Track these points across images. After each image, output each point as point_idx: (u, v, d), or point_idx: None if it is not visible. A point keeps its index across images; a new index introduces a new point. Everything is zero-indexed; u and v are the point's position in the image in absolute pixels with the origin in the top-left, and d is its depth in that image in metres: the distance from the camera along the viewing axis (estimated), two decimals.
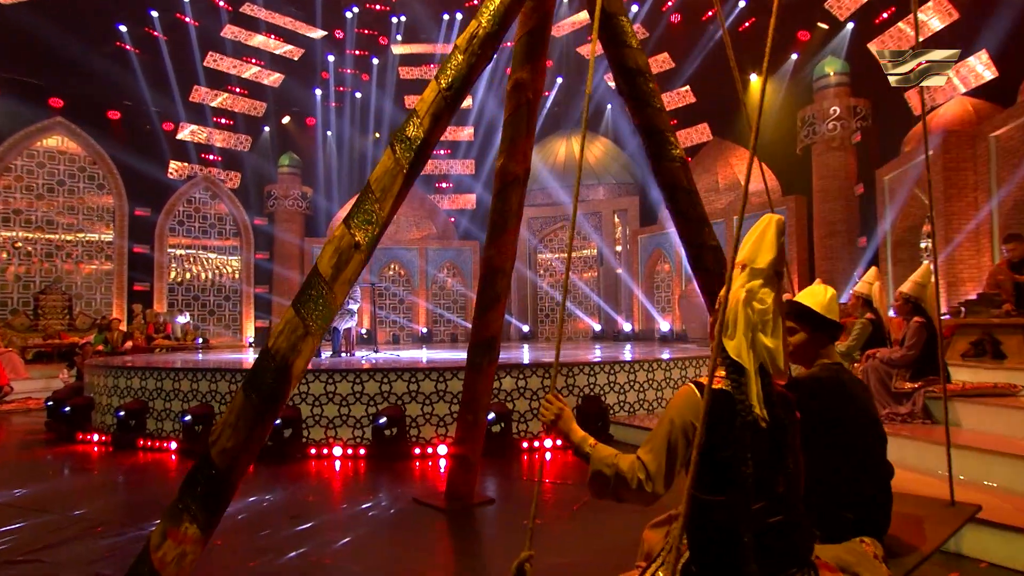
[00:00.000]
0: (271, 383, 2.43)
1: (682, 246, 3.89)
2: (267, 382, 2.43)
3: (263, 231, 18.24)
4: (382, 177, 2.73)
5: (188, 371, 7.14)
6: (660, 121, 3.55)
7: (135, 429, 7.03)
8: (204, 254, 17.75)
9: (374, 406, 6.65)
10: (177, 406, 7.12)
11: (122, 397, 7.52)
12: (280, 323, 2.52)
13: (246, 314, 17.96)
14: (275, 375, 2.43)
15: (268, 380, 2.43)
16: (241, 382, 2.46)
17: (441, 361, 8.44)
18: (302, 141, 19.48)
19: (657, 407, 7.68)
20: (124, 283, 16.43)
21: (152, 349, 14.36)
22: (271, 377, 2.43)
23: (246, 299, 17.96)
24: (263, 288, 18.12)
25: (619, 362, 7.51)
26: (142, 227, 16.70)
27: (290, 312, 2.55)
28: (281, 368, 2.44)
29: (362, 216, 2.66)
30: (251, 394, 2.42)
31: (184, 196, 17.46)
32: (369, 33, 19.26)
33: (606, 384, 7.40)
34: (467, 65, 2.91)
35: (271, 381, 2.43)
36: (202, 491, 2.33)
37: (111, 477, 6.09)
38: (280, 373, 2.44)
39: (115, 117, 16.76)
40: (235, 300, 18.03)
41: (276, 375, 2.43)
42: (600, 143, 20.15)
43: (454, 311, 19.70)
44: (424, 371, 6.77)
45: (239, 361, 9.40)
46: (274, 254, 18.26)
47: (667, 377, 7.87)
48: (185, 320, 15.73)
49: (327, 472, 6.01)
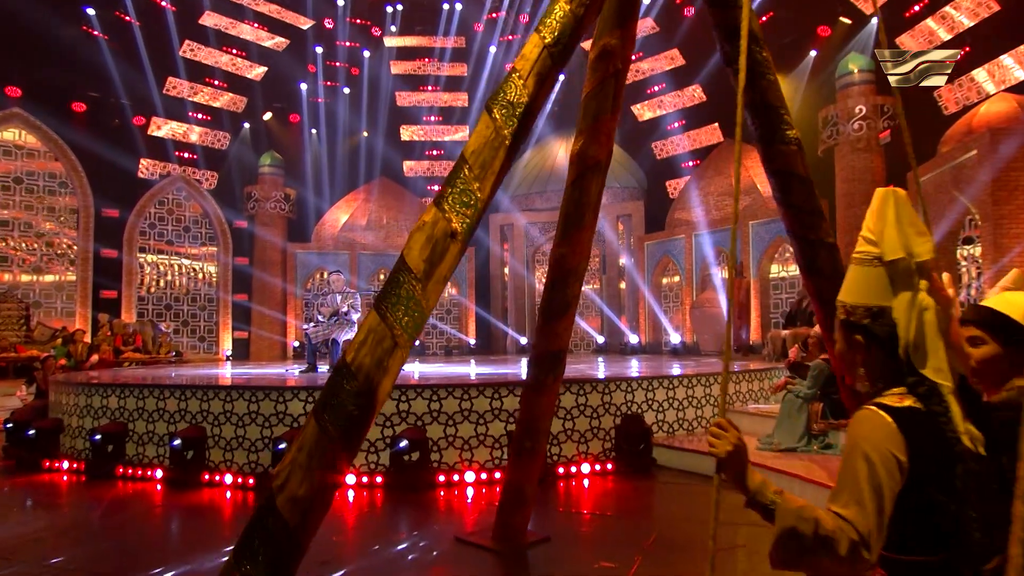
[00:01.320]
0: (353, 411, 1.94)
1: (792, 243, 3.48)
2: (348, 410, 1.94)
3: (243, 235, 17.58)
4: (480, 149, 2.27)
5: (175, 388, 6.56)
6: (774, 96, 3.15)
7: (113, 455, 6.41)
8: (178, 259, 17.03)
9: (391, 427, 6.13)
10: (162, 428, 6.52)
11: (96, 418, 6.90)
12: (361, 332, 2.04)
13: (223, 324, 17.24)
14: (357, 400, 1.95)
15: (349, 407, 1.95)
16: (312, 408, 1.96)
17: (459, 377, 7.94)
18: (285, 139, 18.90)
19: (697, 427, 7.27)
20: (89, 290, 15.63)
21: (120, 363, 13.63)
22: (353, 402, 1.95)
23: (223, 308, 17.24)
24: (242, 296, 17.43)
25: (659, 377, 7.09)
26: (110, 229, 15.95)
27: (373, 318, 2.06)
28: (365, 391, 1.96)
29: (458, 197, 2.19)
30: (327, 425, 1.93)
31: (157, 196, 16.75)
32: (362, 23, 18.77)
33: (644, 402, 6.97)
34: (573, 17, 2.48)
35: (353, 408, 1.94)
36: (266, 554, 1.83)
37: (88, 514, 5.48)
38: (364, 397, 1.96)
39: (80, 109, 16.03)
40: (211, 309, 17.30)
41: (359, 400, 1.95)
42: None
43: (447, 322, 19.17)
44: (447, 387, 6.28)
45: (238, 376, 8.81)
46: (254, 259, 17.61)
47: (707, 394, 7.47)
48: (164, 330, 14.97)
49: (340, 503, 5.48)
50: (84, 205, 15.87)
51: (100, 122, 16.20)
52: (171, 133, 17.25)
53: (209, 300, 17.31)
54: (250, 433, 6.19)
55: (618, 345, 17.96)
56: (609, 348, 18.26)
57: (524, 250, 19.87)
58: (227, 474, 5.95)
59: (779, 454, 5.97)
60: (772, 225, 14.45)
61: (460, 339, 18.90)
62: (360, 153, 19.37)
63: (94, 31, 15.78)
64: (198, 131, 17.60)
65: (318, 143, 19.16)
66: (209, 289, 17.34)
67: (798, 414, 6.23)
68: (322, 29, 18.50)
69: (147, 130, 16.87)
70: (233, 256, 17.38)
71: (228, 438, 6.22)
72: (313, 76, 18.47)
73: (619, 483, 6.17)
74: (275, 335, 17.50)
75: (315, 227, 18.81)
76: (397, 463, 5.88)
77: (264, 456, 6.10)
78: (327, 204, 19.10)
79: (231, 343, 17.27)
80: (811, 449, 5.98)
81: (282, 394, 6.19)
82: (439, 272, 2.16)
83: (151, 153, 17.00)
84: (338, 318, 9.13)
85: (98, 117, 16.22)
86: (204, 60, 17.14)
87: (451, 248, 2.19)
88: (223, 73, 17.43)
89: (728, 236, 15.41)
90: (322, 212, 19.00)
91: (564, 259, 3.52)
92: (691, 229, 16.37)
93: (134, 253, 16.31)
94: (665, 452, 6.58)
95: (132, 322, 15.39)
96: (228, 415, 6.25)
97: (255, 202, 17.77)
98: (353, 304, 9.20)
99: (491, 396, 6.32)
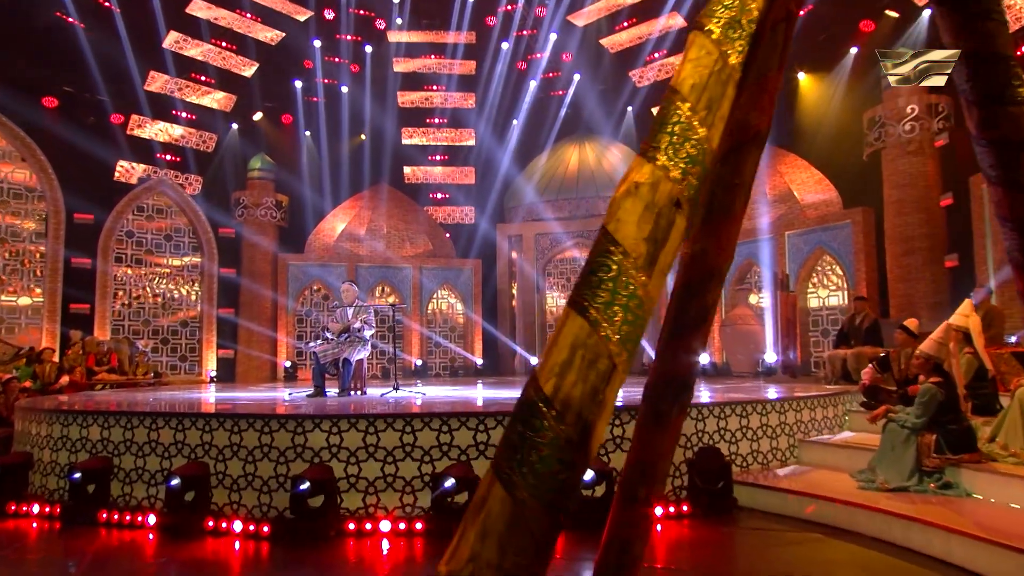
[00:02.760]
0: (560, 471, 1.27)
1: (1009, 235, 2.83)
2: (553, 469, 1.27)
3: (230, 244, 16.86)
4: (704, 83, 1.61)
5: (172, 416, 5.81)
6: (1003, 43, 2.52)
7: (95, 497, 5.62)
8: (158, 270, 16.24)
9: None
10: (154, 463, 5.76)
11: (74, 452, 6.12)
12: (561, 349, 1.36)
13: (207, 342, 16.42)
14: (566, 452, 1.28)
15: (554, 465, 1.27)
16: (492, 463, 1.27)
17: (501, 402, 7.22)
18: (277, 141, 18.27)
19: (772, 460, 6.61)
20: (57, 303, 14.76)
21: (93, 386, 12.79)
22: (559, 457, 1.28)
23: (207, 324, 16.43)
24: (229, 310, 16.66)
25: (732, 404, 6.44)
26: (82, 235, 15.13)
27: (576, 323, 1.38)
28: (578, 440, 1.29)
29: (679, 147, 1.54)
30: (524, 495, 1.26)
31: (136, 201, 15.97)
32: (365, 14, 18.21)
33: (715, 432, 6.32)
34: None
35: (560, 467, 1.27)
36: None
37: (63, 571, 4.71)
38: (576, 449, 1.29)
39: (51, 105, 15.29)
40: (194, 326, 16.48)
41: (569, 453, 1.28)
42: (617, 150, 19.36)
43: (452, 340, 18.45)
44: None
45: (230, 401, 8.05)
46: (242, 271, 16.91)
47: (782, 422, 6.82)
48: (142, 349, 14.13)
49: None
50: (54, 210, 15.06)
51: (74, 119, 15.44)
52: (153, 133, 16.55)
53: (192, 315, 16.51)
54: (262, 470, 5.45)
55: (638, 366, 17.29)
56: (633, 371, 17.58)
57: (535, 263, 19.26)
58: (236, 520, 5.20)
59: (888, 494, 5.33)
60: (811, 236, 13.97)
61: (466, 359, 18.18)
62: (360, 157, 18.75)
63: (69, 18, 15.08)
64: (183, 131, 16.93)
65: (314, 146, 18.54)
66: (192, 303, 16.55)
67: (904, 447, 5.59)
68: (322, 21, 17.92)
69: (127, 129, 16.16)
70: (219, 267, 16.63)
71: (235, 476, 5.48)
72: (309, 73, 17.87)
73: (697, 528, 5.48)
74: (264, 354, 16.72)
75: (309, 236, 18.14)
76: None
77: (280, 497, 5.36)
78: (323, 211, 18.45)
79: (215, 363, 16.44)
80: (926, 489, 5.33)
81: (301, 423, 5.47)
82: (664, 259, 1.49)
83: (130, 154, 16.29)
84: (349, 335, 8.44)
85: (72, 114, 15.47)
86: (191, 54, 16.51)
87: (677, 223, 1.53)
88: (212, 68, 16.80)
89: (763, 247, 14.90)
90: (317, 220, 18.34)
91: (704, 256, 2.83)
92: None
93: (109, 262, 15.50)
94: (747, 490, 5.91)
95: (106, 339, 14.56)
96: (236, 448, 5.51)
97: (244, 208, 17.11)
98: (367, 320, 8.52)
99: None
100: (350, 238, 18.35)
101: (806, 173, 14.70)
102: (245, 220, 17.04)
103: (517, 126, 19.36)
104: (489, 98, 18.90)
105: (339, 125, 18.39)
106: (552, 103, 19.23)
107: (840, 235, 13.32)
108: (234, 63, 17.12)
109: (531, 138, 19.37)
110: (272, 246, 17.25)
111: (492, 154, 19.47)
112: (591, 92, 18.45)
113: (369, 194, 18.76)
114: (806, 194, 14.60)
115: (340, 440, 5.46)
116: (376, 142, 18.85)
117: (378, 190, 18.89)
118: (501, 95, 18.83)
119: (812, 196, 14.51)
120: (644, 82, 17.78)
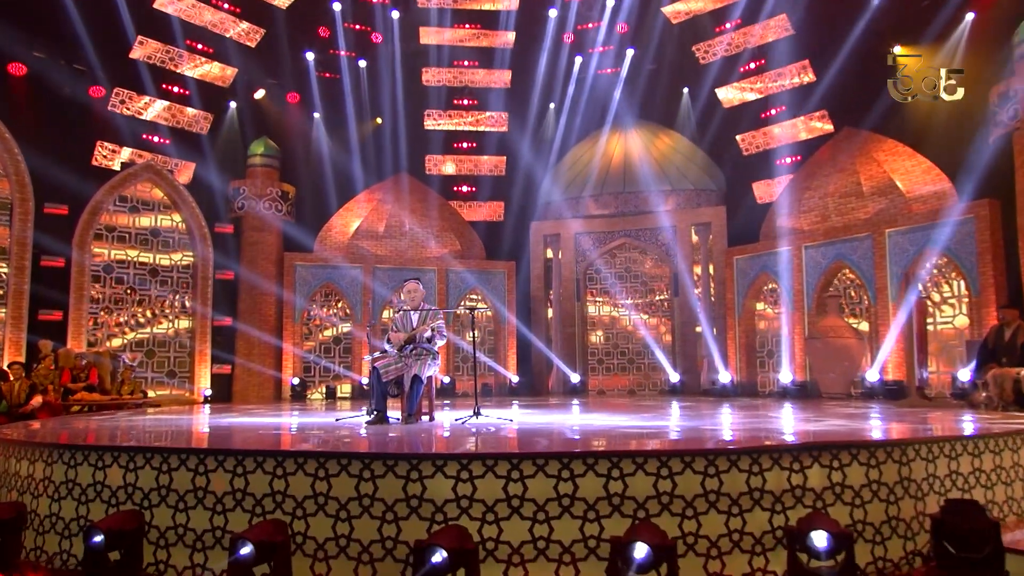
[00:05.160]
0: None
1: None
2: None
3: (227, 241, 15.58)
4: None
5: (224, 454, 4.45)
6: None
7: (124, 568, 4.24)
8: (143, 271, 14.87)
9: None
10: (202, 520, 4.40)
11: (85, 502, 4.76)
12: None
13: (200, 355, 15.00)
14: None
15: None
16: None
17: (656, 434, 5.91)
18: (283, 123, 17.06)
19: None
20: (24, 310, 13.34)
21: (68, 407, 11.38)
22: None
23: (200, 334, 15.02)
24: (225, 320, 15.32)
25: (984, 437, 5.16)
26: (55, 230, 13.75)
27: None
28: None
29: None
30: None
31: (117, 190, 14.61)
32: None
33: (970, 474, 5.02)
34: None
35: None
36: None
37: None
38: None
39: (19, 73, 13.98)
40: (184, 336, 15.07)
41: None
42: (669, 138, 18.25)
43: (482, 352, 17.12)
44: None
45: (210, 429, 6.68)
46: (242, 273, 15.66)
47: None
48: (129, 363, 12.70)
49: None
50: (20, 199, 13.65)
51: (45, 92, 14.18)
52: (139, 110, 15.25)
53: (183, 324, 15.11)
54: (361, 530, 4.11)
55: (707, 384, 16.08)
56: (686, 389, 16.36)
57: (574, 266, 18.06)
58: None
59: None
60: (918, 234, 12.84)
61: (502, 375, 16.89)
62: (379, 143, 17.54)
63: None
64: (173, 108, 15.71)
65: (326, 130, 17.31)
66: (183, 310, 15.16)
67: None
68: None
69: (108, 104, 14.94)
70: (214, 268, 15.34)
71: (321, 539, 4.13)
72: (324, 43, 16.63)
73: None
74: (267, 369, 15.35)
75: (319, 233, 16.95)
76: None
77: (386, 570, 4.01)
78: (335, 205, 17.28)
79: (209, 379, 15.03)
80: None
81: (416, 466, 4.14)
82: None
83: (110, 135, 15.11)
84: (415, 346, 7.12)
85: (42, 85, 14.21)
86: (186, 16, 15.29)
87: None
88: (211, 35, 15.53)
89: (855, 247, 13.74)
90: (328, 215, 17.15)
91: None
92: (800, 239, 14.68)
93: (86, 262, 14.10)
94: (1017, 560, 4.61)
95: (83, 351, 13.15)
96: (322, 500, 4.16)
97: (244, 200, 15.88)
98: (438, 328, 7.20)
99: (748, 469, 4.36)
100: (366, 236, 17.06)
101: (910, 161, 13.58)
102: (245, 214, 15.86)
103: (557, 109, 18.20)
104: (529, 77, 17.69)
105: (358, 106, 17.18)
106: (600, 83, 18.07)
107: (959, 232, 12.18)
108: (237, 31, 15.86)
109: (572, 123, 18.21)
110: (276, 244, 16.12)
111: (526, 142, 18.27)
112: (643, 70, 17.34)
113: (388, 185, 17.52)
114: (912, 185, 13.47)
115: (472, 490, 4.13)
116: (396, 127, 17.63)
117: (398, 180, 17.66)
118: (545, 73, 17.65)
119: (920, 187, 13.37)
120: (709, 58, 16.68)
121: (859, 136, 14.44)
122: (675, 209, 17.46)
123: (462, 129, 18.52)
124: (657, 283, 17.93)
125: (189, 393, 14.81)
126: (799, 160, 16.21)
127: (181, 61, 15.72)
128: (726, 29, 16.33)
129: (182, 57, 15.67)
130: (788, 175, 16.31)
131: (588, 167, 18.20)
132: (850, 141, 14.66)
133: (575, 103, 18.14)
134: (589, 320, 18.22)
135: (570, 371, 17.07)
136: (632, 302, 17.90)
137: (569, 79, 17.90)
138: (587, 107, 18.18)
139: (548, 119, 18.74)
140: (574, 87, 17.98)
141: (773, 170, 16.68)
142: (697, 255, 17.27)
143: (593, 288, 18.26)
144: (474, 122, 18.58)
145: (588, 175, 18.16)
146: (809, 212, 14.91)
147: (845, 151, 14.64)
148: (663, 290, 17.76)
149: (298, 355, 15.78)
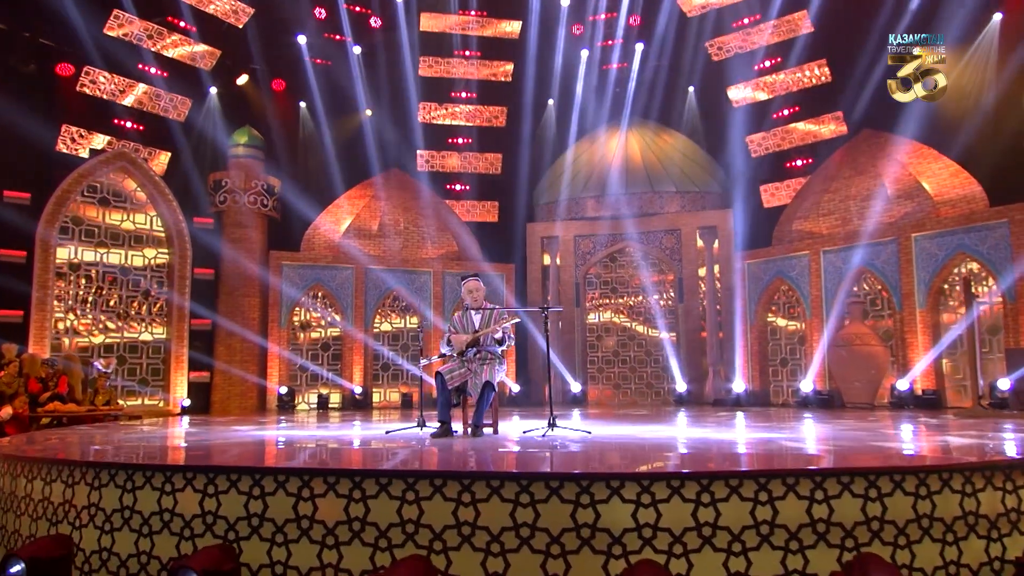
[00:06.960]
0: None
1: None
2: None
3: (207, 238, 14.48)
4: None
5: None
6: None
7: None
8: (114, 269, 13.67)
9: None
10: (280, 554, 3.63)
11: (149, 534, 3.92)
12: None
13: (176, 361, 13.86)
14: None
15: None
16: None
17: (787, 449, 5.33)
18: (268, 112, 16.11)
19: None
20: None
21: (38, 419, 10.22)
22: None
23: (177, 339, 13.88)
24: (204, 321, 14.23)
25: None
26: (14, 220, 12.51)
27: None
28: None
29: None
30: None
31: (86, 179, 13.39)
32: None
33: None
34: None
35: None
36: None
37: None
38: None
39: None
40: (159, 342, 13.90)
41: None
42: (672, 138, 17.93)
43: None
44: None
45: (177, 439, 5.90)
46: (222, 273, 14.62)
47: None
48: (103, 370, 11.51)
49: None
50: None
51: (6, 66, 13.08)
52: (111, 91, 14.13)
53: (157, 327, 13.94)
54: (519, 567, 3.41)
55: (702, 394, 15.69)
56: (693, 399, 15.94)
57: (572, 270, 17.53)
58: None
59: None
60: (947, 238, 12.70)
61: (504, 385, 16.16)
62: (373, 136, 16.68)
63: None
64: (149, 92, 14.69)
65: (313, 120, 16.38)
66: (158, 312, 14.00)
67: None
68: None
69: (77, 84, 13.83)
70: (193, 266, 14.22)
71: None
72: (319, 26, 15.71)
73: None
74: (251, 376, 14.31)
75: (306, 231, 16.05)
76: None
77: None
78: (325, 201, 16.43)
79: (186, 388, 13.89)
80: None
81: (587, 488, 3.47)
82: None
83: (78, 118, 13.99)
84: (480, 349, 6.42)
85: (3, 58, 13.07)
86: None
87: None
88: (192, 11, 14.48)
89: (879, 252, 13.56)
90: (317, 212, 16.24)
91: None
92: (819, 244, 14.45)
93: (51, 257, 12.87)
94: None
95: (50, 357, 11.92)
96: (469, 532, 3.44)
97: (225, 194, 14.86)
98: (504, 328, 6.52)
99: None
100: (357, 234, 16.18)
101: (937, 164, 13.48)
102: (227, 208, 14.86)
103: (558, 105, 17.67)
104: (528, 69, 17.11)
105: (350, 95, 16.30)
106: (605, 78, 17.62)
107: (990, 237, 12.06)
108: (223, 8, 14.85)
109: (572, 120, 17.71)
110: (260, 242, 15.19)
111: (524, 138, 17.68)
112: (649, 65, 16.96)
113: (380, 181, 16.68)
114: (940, 189, 13.36)
115: (656, 517, 3.47)
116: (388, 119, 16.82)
117: (392, 177, 16.84)
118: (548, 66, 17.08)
119: (948, 191, 13.27)
120: (722, 56, 16.39)
121: (879, 138, 14.32)
122: (679, 212, 17.11)
123: (458, 124, 17.82)
124: (661, 288, 17.52)
125: (164, 403, 13.65)
126: (811, 163, 16.04)
127: (160, 39, 14.64)
128: (744, 24, 16.08)
129: (162, 35, 14.59)
130: (799, 178, 16.12)
131: (588, 167, 17.72)
132: (869, 143, 14.54)
133: (578, 99, 17.65)
134: (589, 327, 17.68)
135: (570, 380, 16.47)
136: (635, 308, 17.46)
137: (574, 74, 17.38)
138: (589, 104, 17.71)
139: (547, 115, 18.21)
140: (580, 83, 17.46)
141: (783, 173, 16.48)
142: (702, 259, 16.93)
143: (593, 293, 17.75)
144: (470, 116, 17.91)
145: (588, 175, 17.67)
146: (828, 215, 14.70)
147: (865, 153, 14.50)
148: (667, 296, 17.36)
149: (285, 361, 14.80)
